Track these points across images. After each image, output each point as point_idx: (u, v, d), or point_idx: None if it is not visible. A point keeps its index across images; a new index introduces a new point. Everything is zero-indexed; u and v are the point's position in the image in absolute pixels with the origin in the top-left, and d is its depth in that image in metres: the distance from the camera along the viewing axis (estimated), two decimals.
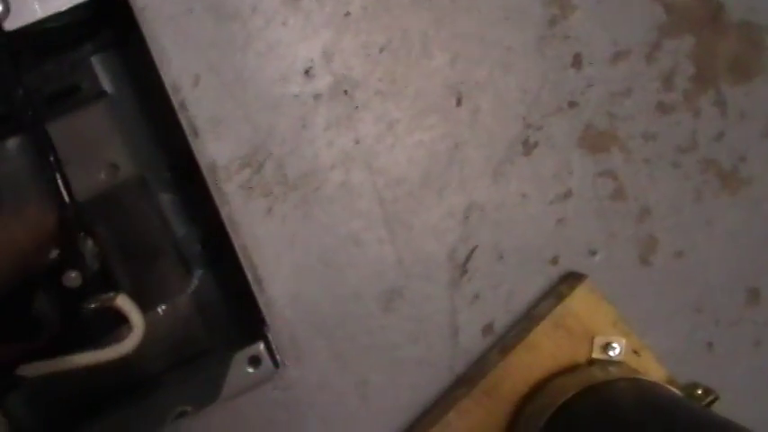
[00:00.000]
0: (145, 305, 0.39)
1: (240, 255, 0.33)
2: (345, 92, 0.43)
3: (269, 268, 0.42)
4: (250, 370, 0.33)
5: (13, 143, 0.41)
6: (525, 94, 0.45)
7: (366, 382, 0.44)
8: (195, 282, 0.40)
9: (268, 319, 0.33)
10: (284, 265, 0.43)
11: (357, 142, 0.44)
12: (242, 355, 0.33)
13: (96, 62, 0.41)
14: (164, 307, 0.40)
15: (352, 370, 0.44)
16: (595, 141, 0.45)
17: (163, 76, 0.34)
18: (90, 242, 0.37)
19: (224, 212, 0.40)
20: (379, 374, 0.44)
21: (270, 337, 0.33)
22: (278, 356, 0.33)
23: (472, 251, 0.44)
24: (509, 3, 0.44)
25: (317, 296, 0.43)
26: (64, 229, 0.38)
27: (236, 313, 0.40)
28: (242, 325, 0.39)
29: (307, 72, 0.43)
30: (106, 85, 0.41)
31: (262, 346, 0.33)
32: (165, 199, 0.41)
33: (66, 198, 0.37)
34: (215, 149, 0.42)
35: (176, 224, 0.41)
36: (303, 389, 0.43)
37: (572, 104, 0.45)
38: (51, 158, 0.37)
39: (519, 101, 0.45)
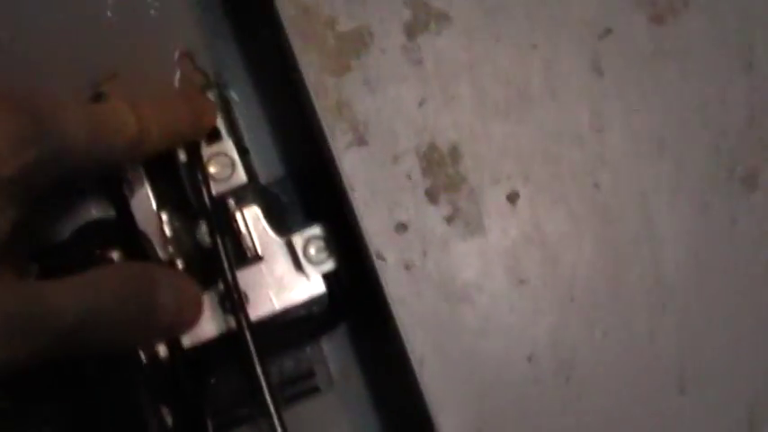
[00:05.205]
0: None
1: None
2: (568, 379, 0.43)
3: None
4: None
5: None
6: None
7: None
8: None
9: None
10: None
11: (578, 427, 0.43)
12: None
13: (329, 350, 0.41)
14: None
15: None
16: None
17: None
18: None
19: None
20: None
21: None
22: None
23: None
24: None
25: None
26: None
27: None
28: None
29: (530, 358, 0.43)
30: (335, 370, 0.41)
31: None
32: None
33: None
34: None
35: None
36: None
37: None
38: None
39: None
